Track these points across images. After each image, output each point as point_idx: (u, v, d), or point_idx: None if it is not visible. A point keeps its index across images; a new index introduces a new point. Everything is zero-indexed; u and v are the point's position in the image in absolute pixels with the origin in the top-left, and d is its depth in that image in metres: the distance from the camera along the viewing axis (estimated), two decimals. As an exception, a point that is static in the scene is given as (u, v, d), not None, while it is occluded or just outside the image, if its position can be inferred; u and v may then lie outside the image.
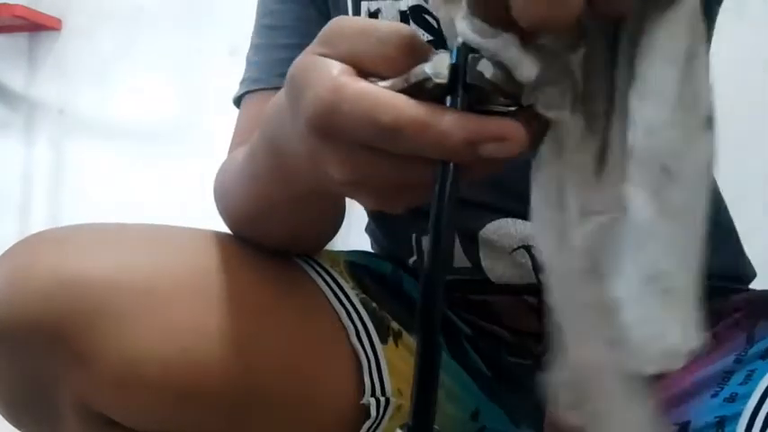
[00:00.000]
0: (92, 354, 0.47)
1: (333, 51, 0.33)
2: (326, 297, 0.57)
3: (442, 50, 0.31)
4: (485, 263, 0.62)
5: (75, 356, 0.47)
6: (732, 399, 0.50)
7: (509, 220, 0.60)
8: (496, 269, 0.62)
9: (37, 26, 2.17)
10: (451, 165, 0.30)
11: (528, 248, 0.60)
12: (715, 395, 0.51)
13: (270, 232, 0.54)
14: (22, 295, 0.47)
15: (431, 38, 0.60)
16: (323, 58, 0.32)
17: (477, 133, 0.29)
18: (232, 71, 0.79)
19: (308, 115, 0.32)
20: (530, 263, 0.60)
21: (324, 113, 0.31)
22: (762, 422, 0.46)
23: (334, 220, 0.58)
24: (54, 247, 0.50)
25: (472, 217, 0.61)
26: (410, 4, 0.62)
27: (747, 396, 0.48)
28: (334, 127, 0.31)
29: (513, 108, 0.31)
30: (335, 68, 0.32)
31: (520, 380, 0.64)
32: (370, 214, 0.71)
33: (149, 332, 0.48)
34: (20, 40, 2.25)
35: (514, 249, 0.61)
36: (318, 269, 0.58)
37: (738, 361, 0.52)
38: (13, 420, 0.53)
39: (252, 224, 0.54)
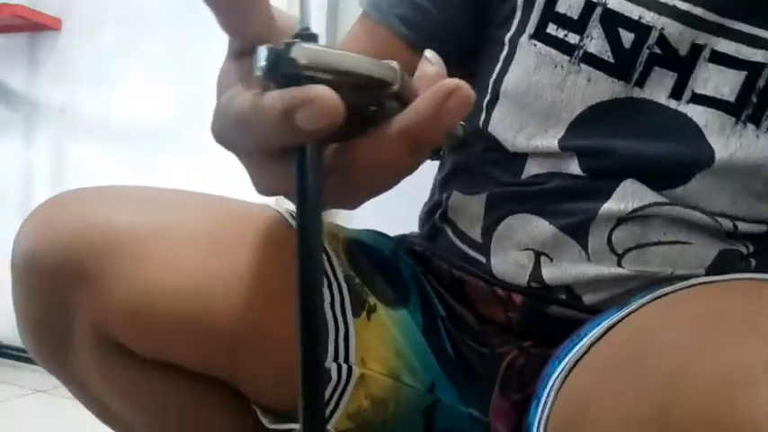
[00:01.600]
0: (106, 285, 0.53)
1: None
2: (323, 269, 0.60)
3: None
4: (493, 245, 0.63)
5: (93, 285, 0.54)
6: (537, 404, 0.53)
7: (536, 218, 0.61)
8: (499, 256, 0.63)
9: (37, 26, 2.17)
10: (308, 147, 0.31)
11: (537, 253, 0.61)
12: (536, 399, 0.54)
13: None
14: (51, 236, 0.55)
15: (611, 60, 0.58)
16: (228, 68, 0.38)
17: (288, 101, 0.30)
18: (232, 71, 0.80)
19: None
20: (531, 267, 0.61)
21: (212, 127, 0.36)
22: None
23: None
24: (86, 198, 0.59)
25: (507, 204, 0.63)
26: (607, 4, 0.59)
27: (537, 403, 0.52)
28: (217, 138, 0.36)
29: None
30: (227, 78, 0.37)
31: (475, 365, 0.66)
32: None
33: (160, 269, 0.54)
34: (20, 40, 2.26)
35: (523, 249, 0.62)
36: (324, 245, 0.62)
37: (557, 360, 0.54)
38: (33, 343, 0.59)
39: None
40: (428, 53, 0.35)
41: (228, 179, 1.85)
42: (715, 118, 0.57)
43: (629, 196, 0.58)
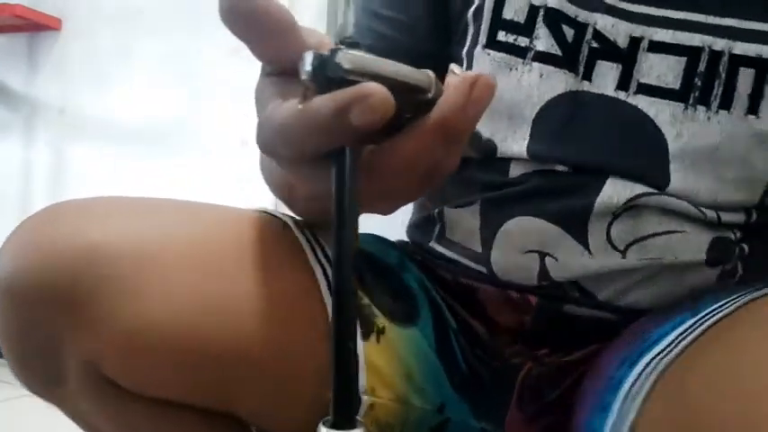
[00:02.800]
0: (96, 317, 0.50)
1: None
2: (319, 286, 0.58)
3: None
4: (494, 255, 0.63)
5: (81, 319, 0.50)
6: (605, 409, 0.52)
7: (536, 219, 0.61)
8: (502, 263, 0.63)
9: (37, 26, 2.17)
10: (347, 149, 0.32)
11: (542, 255, 0.61)
12: (599, 406, 0.53)
13: (303, 212, 0.59)
14: (40, 259, 0.51)
15: (559, 53, 0.61)
16: (265, 85, 0.38)
17: (341, 100, 0.31)
18: (232, 71, 0.80)
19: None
20: (537, 268, 0.61)
21: (257, 138, 0.36)
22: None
23: None
24: (72, 215, 0.54)
25: (503, 209, 0.62)
26: (548, 4, 0.61)
27: (610, 407, 0.51)
28: (262, 148, 0.36)
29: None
30: (266, 93, 0.37)
31: (487, 378, 0.65)
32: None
33: (151, 300, 0.51)
34: (20, 40, 2.26)
35: (527, 252, 0.61)
36: (320, 256, 0.60)
37: (619, 367, 0.54)
38: (28, 382, 0.57)
39: (287, 202, 0.59)
40: (453, 66, 0.37)
41: (228, 179, 1.86)
42: (664, 107, 0.59)
43: (619, 189, 0.59)
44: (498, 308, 0.65)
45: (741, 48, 0.57)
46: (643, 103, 0.59)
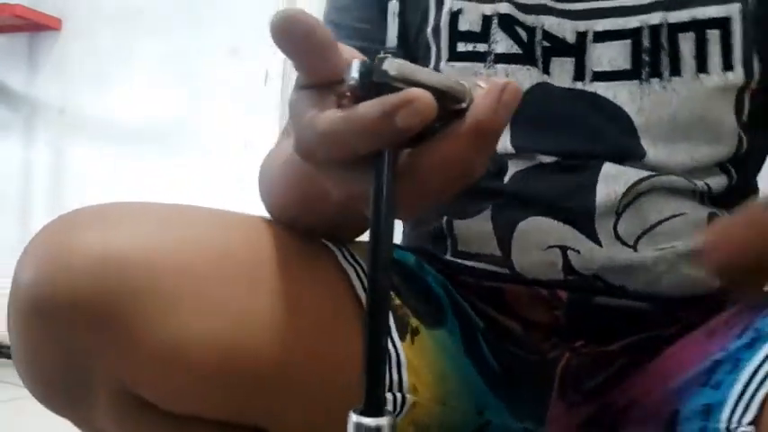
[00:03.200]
0: (136, 337, 0.48)
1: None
2: (355, 289, 0.58)
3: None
4: (515, 255, 0.63)
5: (120, 339, 0.48)
6: (717, 386, 0.51)
7: (548, 219, 0.62)
8: (526, 263, 0.63)
9: (37, 26, 2.17)
10: (386, 152, 0.34)
11: (563, 249, 0.62)
12: (703, 385, 0.53)
13: (309, 226, 0.58)
14: (64, 273, 0.48)
15: (519, 51, 0.65)
16: (301, 96, 0.39)
17: (389, 104, 0.33)
18: (232, 71, 0.80)
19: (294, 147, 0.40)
20: (561, 262, 0.62)
21: (297, 145, 0.39)
22: (743, 407, 0.48)
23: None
24: (95, 224, 0.51)
25: (513, 211, 0.64)
26: (500, 12, 0.65)
27: (732, 384, 0.50)
28: (304, 153, 0.39)
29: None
30: (303, 104, 0.39)
31: (524, 375, 0.65)
32: None
33: (192, 315, 0.49)
34: (20, 40, 2.26)
35: (548, 247, 0.62)
36: (351, 260, 0.59)
37: (724, 349, 0.53)
38: (47, 401, 0.54)
39: (293, 220, 0.58)
40: (479, 80, 0.39)
41: (228, 179, 1.86)
42: (620, 88, 0.63)
43: (611, 184, 0.61)
44: (529, 306, 0.65)
45: (675, 16, 0.62)
46: (601, 88, 0.63)
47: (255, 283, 0.53)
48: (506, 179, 0.64)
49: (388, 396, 0.57)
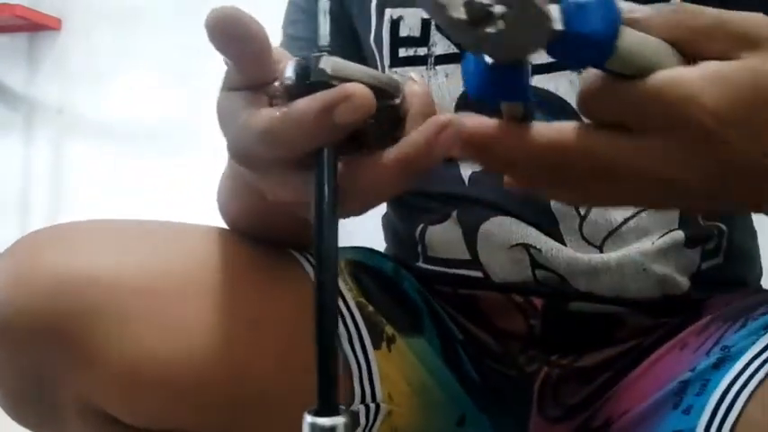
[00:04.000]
0: (94, 355, 0.48)
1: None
2: None
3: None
4: (482, 257, 0.63)
5: (78, 357, 0.48)
6: (688, 411, 0.51)
7: (510, 218, 0.62)
8: (493, 263, 0.63)
9: (37, 26, 2.17)
10: (325, 150, 0.34)
11: (527, 246, 0.61)
12: (675, 407, 0.53)
13: (264, 237, 0.57)
14: (24, 294, 0.48)
15: (456, 51, 0.64)
16: (232, 98, 0.38)
17: (327, 99, 0.33)
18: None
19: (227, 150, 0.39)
20: (528, 260, 0.62)
21: (233, 148, 0.38)
22: None
23: None
24: (55, 245, 0.51)
25: (476, 212, 0.63)
26: None
27: (701, 410, 0.49)
28: (240, 155, 0.38)
29: None
30: (236, 106, 0.38)
31: (503, 391, 0.65)
32: (389, 204, 0.73)
33: (149, 332, 0.49)
34: (20, 40, 2.26)
35: (513, 246, 0.62)
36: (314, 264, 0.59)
37: (692, 369, 0.53)
38: (18, 418, 0.54)
39: (250, 230, 0.57)
40: (413, 74, 0.39)
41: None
42: (560, 78, 0.62)
43: None
44: (503, 315, 0.64)
45: None
46: (542, 81, 0.62)
47: (214, 298, 0.52)
48: (466, 181, 0.64)
49: (360, 408, 0.57)
